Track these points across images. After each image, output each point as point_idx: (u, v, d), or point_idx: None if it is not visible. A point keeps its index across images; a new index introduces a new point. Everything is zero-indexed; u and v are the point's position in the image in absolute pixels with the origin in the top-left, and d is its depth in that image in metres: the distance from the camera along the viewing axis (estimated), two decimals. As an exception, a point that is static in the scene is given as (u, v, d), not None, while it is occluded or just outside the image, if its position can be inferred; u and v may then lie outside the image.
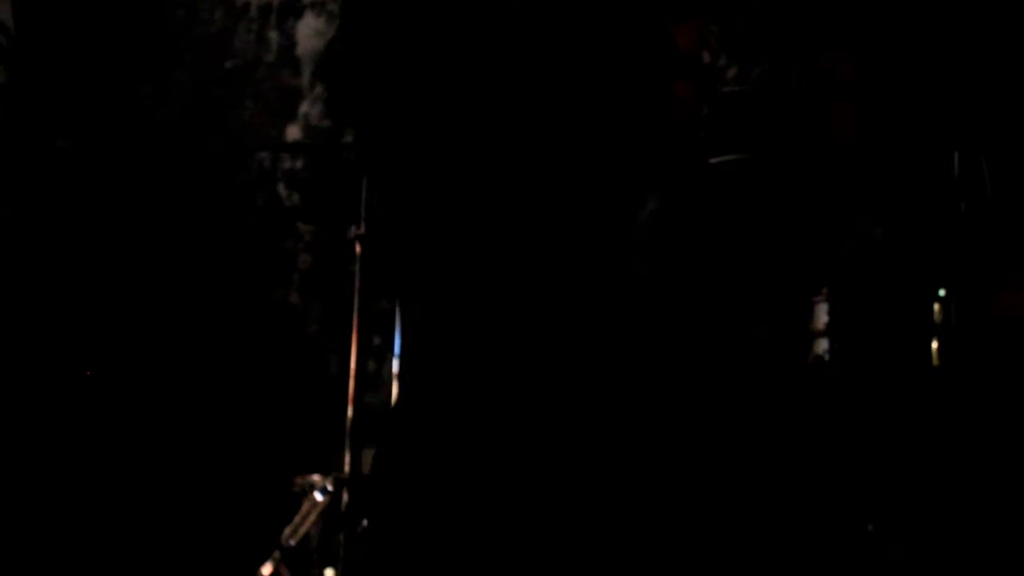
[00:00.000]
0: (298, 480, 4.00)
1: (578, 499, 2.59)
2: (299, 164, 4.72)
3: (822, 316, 3.70)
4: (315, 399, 4.46)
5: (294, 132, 4.81)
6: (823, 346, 3.70)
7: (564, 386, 2.63)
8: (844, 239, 3.76)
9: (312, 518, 3.96)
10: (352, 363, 3.89)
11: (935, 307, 3.61)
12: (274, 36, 4.81)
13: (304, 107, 4.79)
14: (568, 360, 2.66)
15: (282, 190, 4.72)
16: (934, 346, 3.62)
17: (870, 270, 3.72)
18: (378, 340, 4.32)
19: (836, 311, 3.67)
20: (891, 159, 3.77)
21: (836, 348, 3.67)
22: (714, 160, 3.76)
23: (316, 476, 3.96)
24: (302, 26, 4.80)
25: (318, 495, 3.94)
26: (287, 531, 3.97)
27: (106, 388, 4.46)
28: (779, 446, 3.62)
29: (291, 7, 4.81)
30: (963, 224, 3.68)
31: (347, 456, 3.83)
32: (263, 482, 4.36)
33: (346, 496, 3.80)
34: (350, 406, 3.86)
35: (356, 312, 3.91)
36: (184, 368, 4.59)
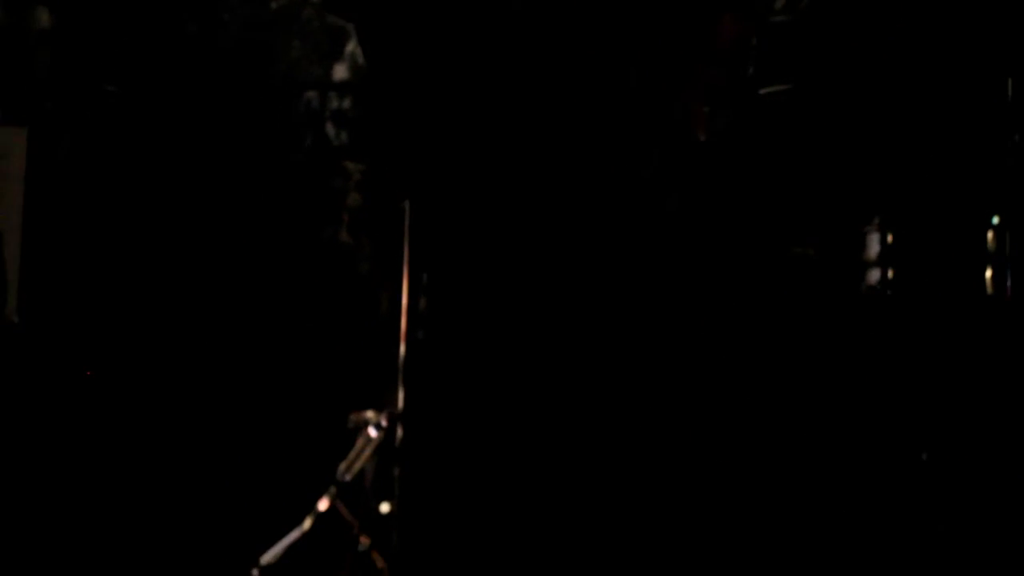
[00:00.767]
0: (352, 416, 4.02)
1: (624, 421, 2.60)
2: (346, 103, 4.73)
3: (874, 246, 3.69)
4: (367, 336, 4.48)
5: (341, 72, 4.81)
6: (875, 276, 3.69)
7: (606, 314, 2.64)
8: (896, 168, 3.74)
9: (367, 453, 3.99)
10: (403, 300, 3.90)
11: (989, 235, 3.59)
12: (320, -25, 4.80)
13: (350, 46, 4.78)
14: (607, 286, 2.67)
15: (330, 129, 4.73)
16: (988, 274, 3.60)
17: (923, 199, 3.69)
18: (428, 277, 4.32)
19: (888, 240, 3.65)
20: (944, 86, 3.74)
21: (889, 278, 3.65)
22: (764, 91, 3.74)
23: (370, 412, 3.98)
24: (347, -36, 4.78)
25: (372, 431, 3.96)
26: (342, 467, 4.00)
27: (165, 324, 4.51)
28: (832, 375, 3.62)
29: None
30: (1017, 152, 3.64)
31: (400, 392, 3.85)
32: (318, 419, 4.39)
33: (400, 431, 3.83)
34: (402, 343, 3.88)
35: (406, 249, 3.92)
36: (236, 308, 4.62)
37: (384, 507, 3.75)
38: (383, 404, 3.96)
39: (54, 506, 4.13)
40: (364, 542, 3.77)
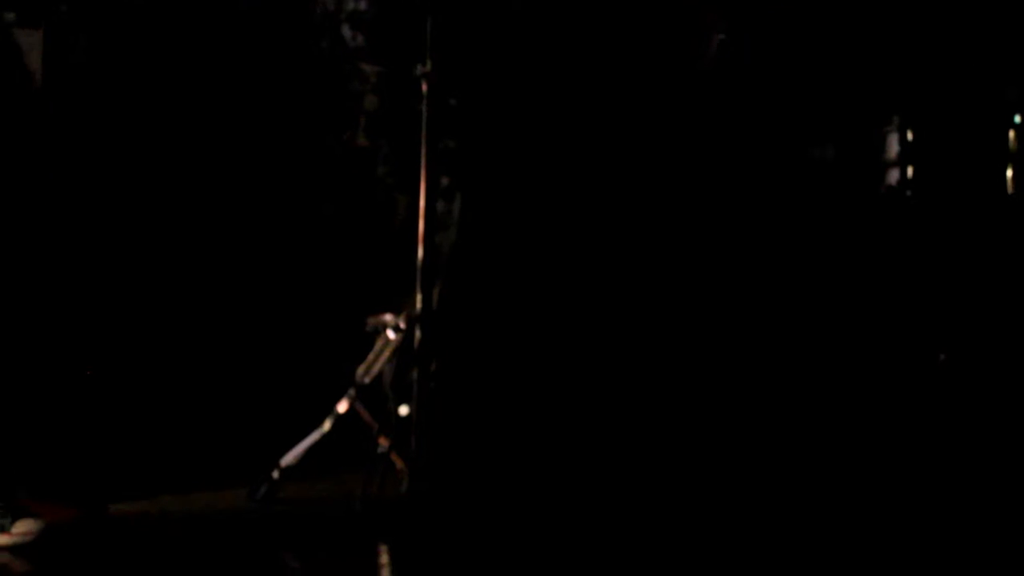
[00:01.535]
0: (371, 319, 4.03)
1: (643, 325, 2.60)
2: (362, 5, 4.68)
3: (894, 145, 3.66)
4: (385, 239, 4.48)
5: (357, -27, 4.75)
6: (895, 176, 3.67)
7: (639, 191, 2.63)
8: (915, 67, 3.70)
9: (385, 356, 4.00)
10: (421, 203, 3.89)
11: (1010, 134, 3.56)
12: None
13: (367, -53, 4.73)
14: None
15: (346, 32, 4.69)
16: (1008, 174, 3.57)
17: (942, 97, 3.66)
18: (446, 181, 4.31)
19: (908, 139, 3.62)
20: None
21: (908, 178, 3.63)
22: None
23: (388, 315, 3.99)
24: None
25: (391, 333, 3.98)
26: (361, 369, 4.02)
27: (186, 228, 4.53)
28: (851, 276, 3.61)
29: None
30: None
31: (418, 295, 3.85)
32: (337, 322, 4.41)
33: (418, 334, 3.84)
34: (420, 246, 3.87)
35: (424, 152, 3.90)
36: (254, 212, 4.63)
37: (403, 409, 3.77)
38: (401, 307, 3.97)
39: (84, 401, 4.17)
40: (383, 443, 3.80)
